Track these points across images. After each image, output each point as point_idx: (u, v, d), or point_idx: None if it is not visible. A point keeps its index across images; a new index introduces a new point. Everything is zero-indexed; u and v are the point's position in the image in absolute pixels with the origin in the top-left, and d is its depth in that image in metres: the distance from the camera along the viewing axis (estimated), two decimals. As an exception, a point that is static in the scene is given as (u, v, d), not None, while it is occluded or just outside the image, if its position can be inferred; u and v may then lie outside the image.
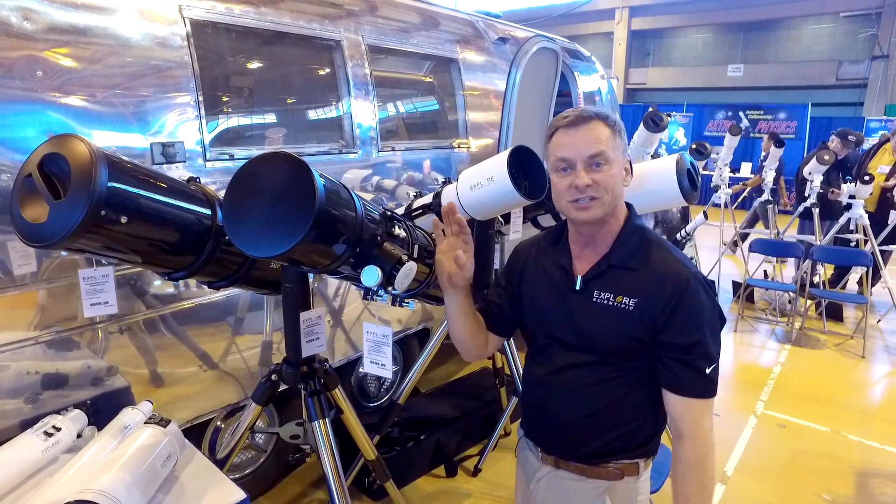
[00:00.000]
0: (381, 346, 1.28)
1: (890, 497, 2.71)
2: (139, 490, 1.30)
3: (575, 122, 1.16)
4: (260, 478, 2.55)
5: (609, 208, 1.17)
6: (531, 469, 1.36)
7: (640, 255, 1.19)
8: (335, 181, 1.05)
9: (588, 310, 1.20)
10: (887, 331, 4.83)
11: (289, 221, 0.95)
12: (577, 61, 4.47)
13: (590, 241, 1.23)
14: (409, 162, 2.86)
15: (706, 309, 1.15)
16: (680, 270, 1.16)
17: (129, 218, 1.23)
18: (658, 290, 1.15)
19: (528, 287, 1.32)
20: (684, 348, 1.14)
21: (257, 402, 1.62)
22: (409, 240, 1.29)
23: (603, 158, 1.14)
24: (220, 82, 2.22)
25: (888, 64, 13.81)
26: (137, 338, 1.99)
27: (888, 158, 5.27)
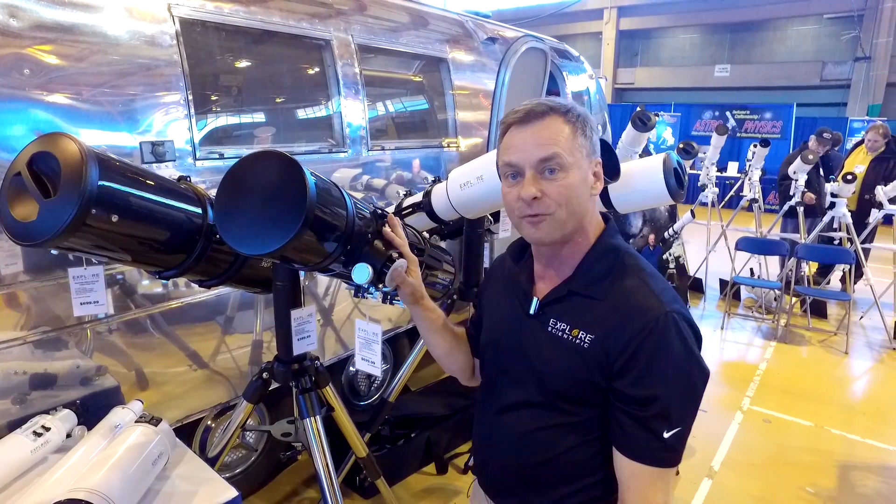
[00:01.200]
0: (371, 343, 1.29)
1: (870, 489, 2.77)
2: (130, 488, 1.30)
3: (526, 117, 0.93)
4: (251, 476, 2.55)
5: (566, 227, 0.95)
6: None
7: (608, 282, 0.97)
8: (326, 179, 1.06)
9: (541, 340, 1.00)
10: (870, 327, 4.92)
11: (280, 219, 0.96)
12: (565, 61, 4.51)
13: (552, 261, 1.03)
14: (398, 161, 2.87)
15: (676, 357, 0.91)
16: (652, 306, 0.93)
17: (119, 217, 1.23)
18: (620, 326, 0.92)
19: (487, 307, 1.17)
20: (640, 402, 0.91)
21: (248, 401, 1.63)
22: (400, 238, 1.31)
23: (557, 164, 0.91)
24: (209, 81, 2.21)
25: (870, 65, 14.03)
26: (127, 337, 1.98)
27: (863, 157, 5.37)
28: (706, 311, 5.35)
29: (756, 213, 5.70)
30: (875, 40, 13.93)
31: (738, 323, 5.05)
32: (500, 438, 1.07)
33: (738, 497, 2.69)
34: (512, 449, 1.05)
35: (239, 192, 1.01)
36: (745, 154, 8.82)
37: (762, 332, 4.85)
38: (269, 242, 0.95)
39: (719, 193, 5.87)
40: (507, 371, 1.07)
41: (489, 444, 1.11)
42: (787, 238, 5.33)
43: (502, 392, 1.08)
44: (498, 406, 1.07)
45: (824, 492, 2.73)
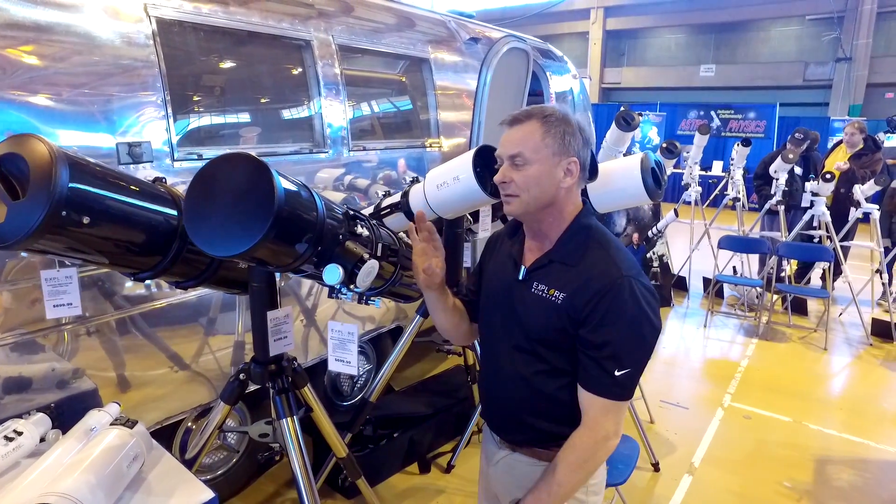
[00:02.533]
0: (346, 343, 1.30)
1: (845, 482, 2.82)
2: (103, 492, 1.30)
3: (512, 121, 1.21)
4: (232, 478, 2.55)
5: (530, 206, 1.20)
6: (491, 453, 1.41)
7: (580, 253, 1.21)
8: (297, 181, 1.07)
9: (525, 299, 1.25)
10: (849, 323, 5.00)
11: (248, 221, 0.96)
12: (549, 61, 4.53)
13: (536, 235, 1.28)
14: (380, 161, 2.87)
15: (627, 312, 1.15)
16: (611, 271, 1.17)
17: (91, 219, 1.23)
18: (585, 286, 1.17)
19: (486, 275, 1.39)
20: (596, 346, 1.16)
21: (226, 402, 1.63)
22: (373, 238, 1.31)
23: (521, 159, 1.17)
24: (188, 82, 2.20)
25: (851, 66, 14.23)
26: (106, 339, 1.97)
27: (843, 155, 5.45)
28: (690, 310, 5.40)
29: (738, 212, 5.76)
30: (855, 41, 14.13)
31: (721, 321, 5.11)
32: (500, 382, 1.33)
33: (717, 492, 2.73)
34: (509, 389, 1.30)
35: (208, 194, 1.01)
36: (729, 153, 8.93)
37: (744, 329, 4.91)
38: (238, 244, 0.96)
39: (703, 192, 5.93)
40: (501, 325, 1.30)
41: (493, 387, 1.36)
42: (768, 236, 5.40)
43: (497, 346, 1.32)
44: (496, 357, 1.32)
45: (801, 486, 2.78)
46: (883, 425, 3.38)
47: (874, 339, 4.61)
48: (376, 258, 1.25)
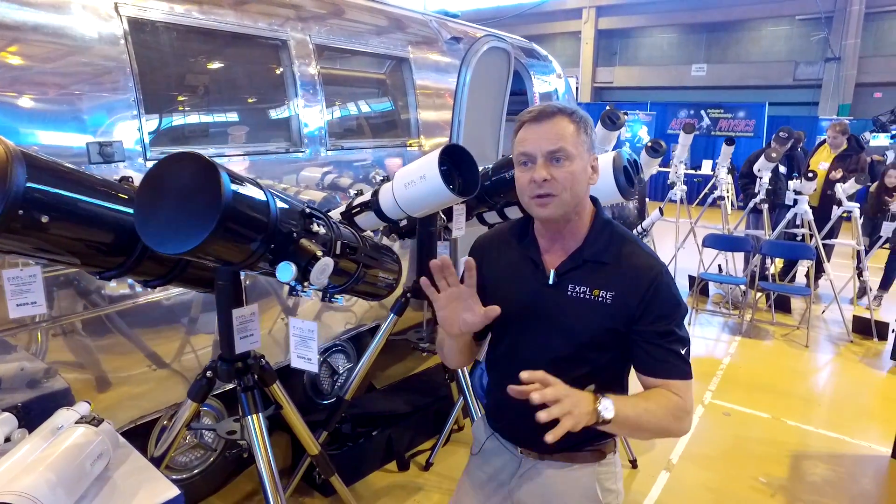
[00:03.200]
0: (307, 340, 1.31)
1: (819, 477, 2.85)
2: (64, 490, 1.30)
3: (538, 117, 1.15)
4: (210, 477, 2.55)
5: (568, 206, 1.16)
6: (508, 466, 1.34)
7: (612, 250, 1.20)
8: (249, 180, 1.08)
9: (563, 303, 1.20)
10: (831, 321, 5.05)
11: (196, 219, 0.97)
12: (533, 60, 4.55)
13: (557, 237, 1.23)
14: (359, 161, 2.88)
15: (674, 297, 1.20)
16: (653, 264, 1.20)
17: (51, 218, 1.24)
18: (634, 283, 1.17)
19: (491, 282, 1.30)
20: (662, 335, 1.17)
21: (193, 400, 1.63)
22: (331, 237, 1.32)
23: (563, 154, 1.13)
24: (161, 81, 2.20)
25: (840, 66, 14.33)
26: (79, 338, 1.97)
27: (827, 155, 5.49)
28: (675, 308, 5.42)
29: (723, 211, 5.80)
30: (844, 41, 14.23)
31: (706, 319, 5.15)
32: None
33: (693, 489, 2.76)
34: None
35: (158, 193, 1.02)
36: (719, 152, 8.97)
37: (729, 327, 4.95)
38: (186, 241, 0.97)
39: (690, 191, 5.97)
40: (530, 335, 1.24)
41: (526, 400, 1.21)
42: (752, 234, 5.44)
43: (527, 354, 1.24)
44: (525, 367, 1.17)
45: (776, 481, 2.80)
46: (859, 421, 3.42)
47: (855, 336, 4.65)
48: (335, 256, 1.26)
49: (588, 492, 1.28)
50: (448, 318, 1.15)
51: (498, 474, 1.37)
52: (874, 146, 9.75)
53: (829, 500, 2.68)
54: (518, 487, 1.33)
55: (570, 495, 1.29)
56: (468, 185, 1.78)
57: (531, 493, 1.32)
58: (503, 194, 2.30)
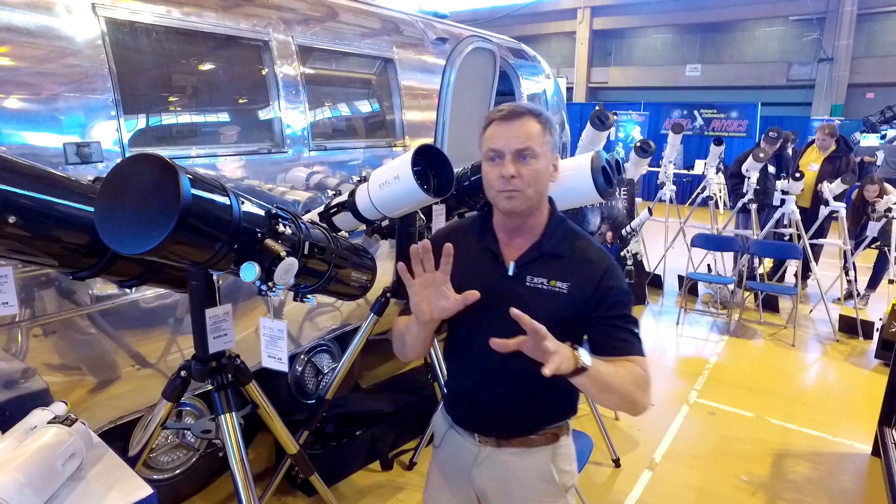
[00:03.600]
0: (276, 340, 1.32)
1: (800, 475, 2.87)
2: (32, 490, 1.30)
3: (508, 116, 1.22)
4: (193, 476, 2.55)
5: (532, 201, 1.23)
6: (467, 455, 1.39)
7: (567, 245, 1.29)
8: (211, 181, 1.09)
9: (522, 293, 1.26)
10: (818, 320, 5.07)
11: (155, 220, 0.98)
12: (521, 61, 4.56)
13: (517, 231, 1.30)
14: (342, 161, 2.89)
15: (624, 283, 1.30)
16: (603, 257, 1.30)
17: (18, 218, 1.24)
18: (588, 274, 1.26)
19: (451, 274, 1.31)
20: (620, 318, 1.27)
21: (168, 399, 1.64)
22: (299, 237, 1.33)
23: (530, 153, 1.20)
24: (140, 82, 2.21)
25: (832, 66, 14.40)
26: (59, 338, 1.98)
27: (816, 156, 5.53)
28: (665, 307, 5.45)
29: (711, 210, 5.82)
30: (837, 42, 14.30)
31: (695, 318, 5.17)
32: (492, 381, 1.32)
33: (675, 487, 2.77)
34: (506, 387, 1.31)
35: (119, 193, 1.03)
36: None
37: (717, 326, 4.97)
38: (146, 242, 0.98)
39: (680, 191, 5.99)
40: (491, 326, 1.24)
41: (481, 389, 1.34)
42: (740, 234, 5.47)
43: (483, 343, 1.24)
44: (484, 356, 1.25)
45: (757, 479, 2.82)
46: (842, 419, 3.44)
47: (841, 336, 4.68)
48: (304, 256, 1.27)
49: (544, 473, 1.35)
50: (421, 304, 1.18)
51: (459, 464, 1.41)
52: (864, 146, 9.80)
53: (809, 498, 2.70)
54: (478, 475, 1.39)
55: (527, 478, 1.35)
56: (443, 185, 1.79)
57: (491, 479, 1.37)
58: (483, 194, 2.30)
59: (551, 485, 1.36)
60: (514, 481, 1.35)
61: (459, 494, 1.43)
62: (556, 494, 1.37)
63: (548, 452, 1.35)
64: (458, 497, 1.43)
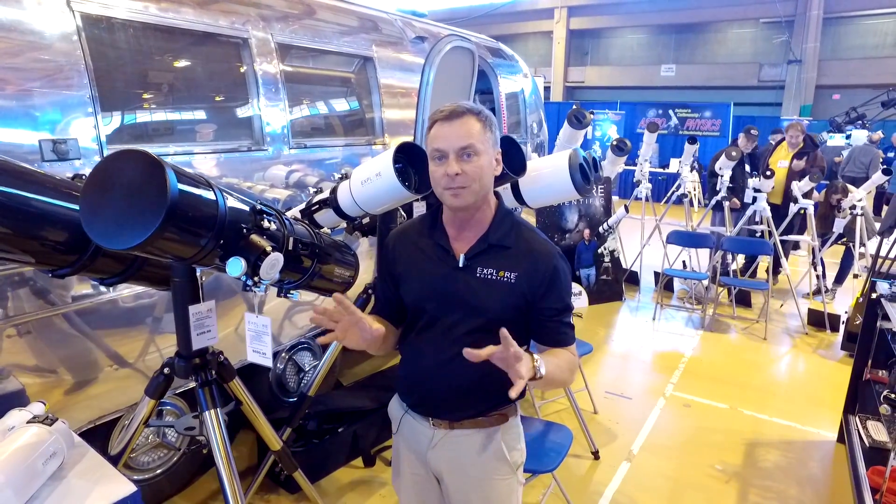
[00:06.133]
0: (261, 335, 1.33)
1: (770, 463, 2.97)
2: (13, 490, 1.30)
3: (449, 116, 1.27)
4: (174, 476, 2.53)
5: (478, 196, 1.29)
6: (423, 438, 1.45)
7: (513, 236, 1.35)
8: (197, 177, 1.09)
9: (473, 284, 1.33)
10: (788, 314, 5.22)
11: (142, 215, 0.99)
12: (499, 60, 4.60)
13: (465, 225, 1.36)
14: (322, 159, 2.89)
15: (567, 277, 1.38)
16: (549, 249, 1.36)
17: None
18: (535, 265, 1.33)
19: (405, 270, 1.42)
20: (559, 310, 1.35)
21: (151, 397, 1.64)
22: (284, 233, 1.34)
23: (472, 150, 1.25)
24: (118, 78, 2.19)
25: (801, 68, 14.78)
26: (35, 338, 1.95)
27: (786, 153, 5.69)
28: (641, 303, 5.55)
29: (686, 208, 5.95)
30: (804, 45, 14.70)
31: (671, 314, 5.27)
32: (447, 365, 1.37)
33: (652, 478, 2.84)
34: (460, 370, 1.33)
35: (104, 189, 1.03)
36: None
37: (692, 321, 5.08)
38: (132, 237, 0.98)
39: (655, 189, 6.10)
40: (444, 314, 1.36)
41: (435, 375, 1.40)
42: (715, 231, 5.60)
43: (438, 330, 1.38)
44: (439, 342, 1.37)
45: (731, 468, 2.91)
46: (810, 408, 3.56)
47: (810, 329, 4.83)
48: (288, 252, 1.29)
49: (497, 452, 1.42)
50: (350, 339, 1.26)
51: (416, 447, 1.48)
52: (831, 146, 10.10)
53: (778, 485, 2.79)
54: (433, 457, 1.45)
55: (480, 457, 1.42)
56: (424, 182, 1.81)
57: (445, 460, 1.44)
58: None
59: (503, 462, 1.43)
60: (468, 461, 1.42)
61: (419, 476, 1.50)
62: (508, 472, 1.44)
63: (498, 432, 1.43)
64: (419, 479, 1.50)
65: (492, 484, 1.43)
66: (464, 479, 1.43)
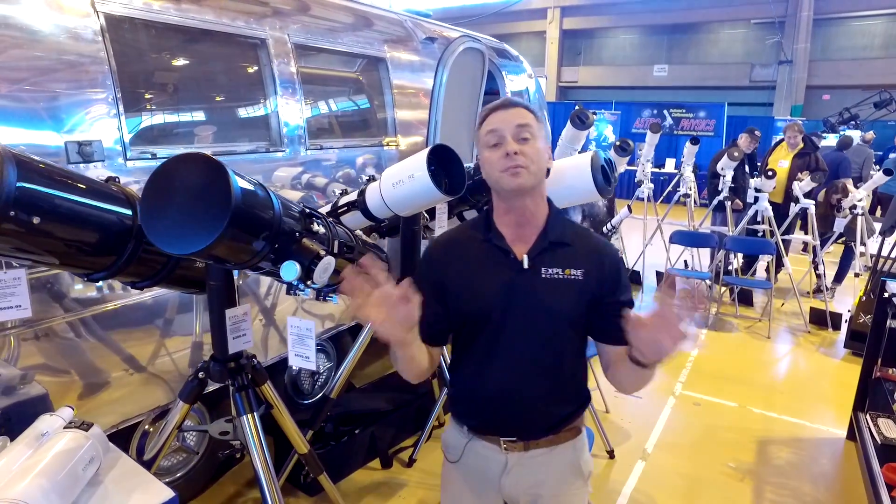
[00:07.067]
0: (304, 339, 1.32)
1: (783, 460, 3.00)
2: (57, 495, 1.28)
3: (505, 104, 1.26)
4: (192, 480, 2.52)
5: (536, 179, 1.24)
6: (494, 465, 1.36)
7: (570, 233, 1.32)
8: (253, 180, 1.09)
9: (539, 286, 1.27)
10: (790, 313, 5.28)
11: (206, 220, 0.98)
12: (505, 60, 4.61)
13: (523, 222, 1.28)
14: (338, 160, 2.88)
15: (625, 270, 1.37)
16: (606, 243, 1.37)
17: (42, 219, 1.22)
18: (598, 260, 1.30)
19: (458, 282, 1.30)
20: (624, 304, 1.28)
21: (185, 401, 1.62)
22: (329, 236, 1.34)
23: (529, 133, 1.22)
24: (140, 79, 2.17)
25: (792, 68, 14.95)
26: (57, 343, 1.93)
27: (785, 153, 5.75)
28: (644, 303, 5.58)
29: (689, 208, 5.99)
30: (795, 45, 14.86)
31: (673, 312, 5.30)
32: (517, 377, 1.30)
33: (667, 476, 2.86)
34: (532, 379, 1.30)
35: (164, 193, 1.02)
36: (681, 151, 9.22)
37: (695, 320, 5.10)
38: (195, 242, 0.97)
39: (655, 189, 6.14)
40: (512, 321, 1.28)
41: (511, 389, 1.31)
42: (716, 231, 5.64)
43: (510, 339, 1.29)
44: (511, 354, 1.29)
45: (744, 466, 2.94)
46: (818, 406, 3.60)
47: (812, 327, 4.89)
48: (332, 255, 1.28)
49: (573, 467, 1.39)
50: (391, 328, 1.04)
51: (486, 475, 1.38)
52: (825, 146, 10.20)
53: (793, 482, 2.82)
54: (508, 483, 1.36)
55: (557, 474, 1.37)
56: (454, 184, 1.82)
57: (522, 484, 1.36)
58: (485, 193, 2.34)
59: (578, 476, 1.39)
60: (546, 479, 1.36)
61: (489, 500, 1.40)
62: (581, 485, 1.41)
63: (573, 446, 1.38)
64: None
65: (569, 499, 1.39)
66: (540, 501, 1.37)
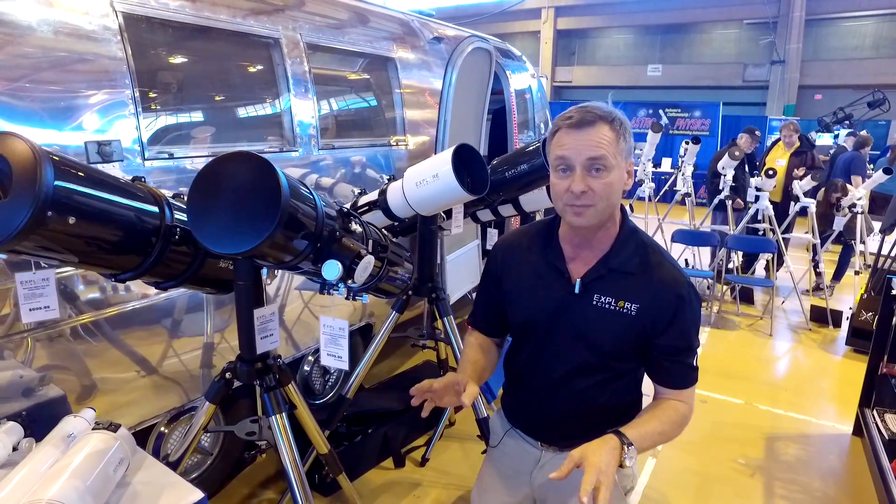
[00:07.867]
0: (337, 338, 1.32)
1: (791, 456, 3.03)
2: (92, 497, 1.27)
3: (579, 123, 1.10)
4: (207, 481, 2.50)
5: (604, 215, 1.14)
6: (529, 458, 1.38)
7: (639, 260, 1.19)
8: (295, 179, 1.08)
9: (588, 313, 1.20)
10: (791, 310, 5.33)
11: (255, 219, 0.98)
12: (508, 60, 4.62)
13: (584, 244, 1.21)
14: (348, 159, 2.88)
15: (697, 315, 1.23)
16: (677, 277, 1.19)
17: (77, 219, 1.21)
18: (659, 297, 1.17)
19: (513, 289, 1.29)
20: (680, 350, 1.20)
21: (211, 401, 1.62)
22: (364, 235, 1.34)
23: (602, 164, 1.09)
24: (158, 79, 2.16)
25: (785, 68, 15.07)
26: (73, 344, 1.91)
27: (782, 152, 5.80)
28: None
29: (689, 207, 6.02)
30: (788, 45, 14.99)
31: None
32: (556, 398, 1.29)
33: (679, 473, 2.88)
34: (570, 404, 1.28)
35: (212, 192, 1.02)
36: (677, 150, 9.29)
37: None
38: (245, 241, 0.97)
39: (655, 188, 6.17)
40: (553, 344, 1.25)
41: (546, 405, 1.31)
42: (717, 230, 5.68)
43: (548, 362, 1.27)
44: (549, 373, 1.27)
45: (753, 462, 2.97)
46: (822, 402, 3.64)
47: (813, 325, 4.94)
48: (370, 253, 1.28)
49: None
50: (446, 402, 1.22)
51: (519, 466, 1.41)
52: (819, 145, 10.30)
53: (802, 477, 2.85)
54: (539, 477, 1.38)
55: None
56: (476, 183, 1.82)
57: (552, 482, 1.33)
58: (501, 192, 2.35)
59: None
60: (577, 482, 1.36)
61: (517, 495, 1.42)
62: (617, 497, 1.33)
63: None
64: (515, 497, 1.42)
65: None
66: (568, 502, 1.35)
